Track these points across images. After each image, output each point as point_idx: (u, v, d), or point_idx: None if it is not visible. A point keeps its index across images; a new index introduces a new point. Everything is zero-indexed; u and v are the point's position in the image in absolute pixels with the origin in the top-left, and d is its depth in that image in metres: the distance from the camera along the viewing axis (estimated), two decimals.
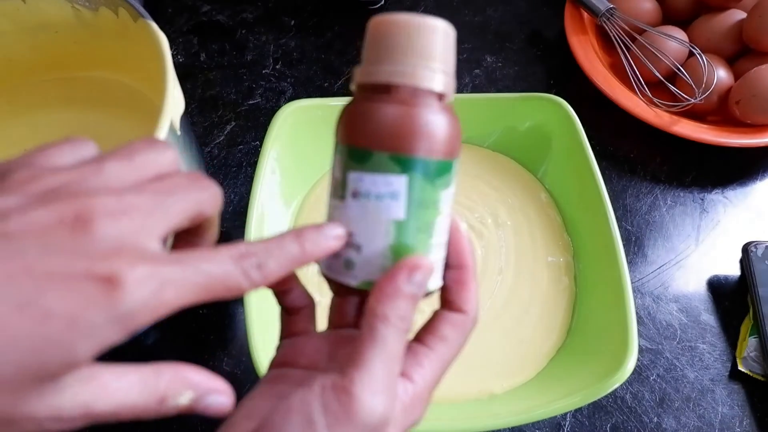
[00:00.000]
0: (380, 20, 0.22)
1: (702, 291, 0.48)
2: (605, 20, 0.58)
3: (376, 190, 0.22)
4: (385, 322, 0.21)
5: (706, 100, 0.53)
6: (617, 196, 0.53)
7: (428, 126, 0.22)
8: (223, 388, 0.20)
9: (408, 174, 0.22)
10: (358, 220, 0.22)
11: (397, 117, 0.22)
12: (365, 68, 0.23)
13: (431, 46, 0.22)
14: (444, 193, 0.23)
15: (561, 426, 0.42)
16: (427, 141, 0.22)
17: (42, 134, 0.46)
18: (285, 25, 0.63)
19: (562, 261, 0.46)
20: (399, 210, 0.22)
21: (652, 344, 0.45)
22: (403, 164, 0.22)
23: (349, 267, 0.23)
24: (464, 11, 0.65)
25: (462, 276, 0.24)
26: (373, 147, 0.22)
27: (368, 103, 0.22)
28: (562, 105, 0.48)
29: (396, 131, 0.22)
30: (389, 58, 0.22)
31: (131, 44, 0.42)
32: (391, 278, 0.22)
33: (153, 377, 0.18)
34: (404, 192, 0.22)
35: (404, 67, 0.22)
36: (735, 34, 0.55)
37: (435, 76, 0.22)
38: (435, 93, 0.23)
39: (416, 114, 0.22)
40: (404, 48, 0.22)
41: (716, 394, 0.44)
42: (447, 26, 0.23)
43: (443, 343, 0.24)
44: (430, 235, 0.23)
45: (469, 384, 0.40)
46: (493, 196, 0.49)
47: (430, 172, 0.22)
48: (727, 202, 0.53)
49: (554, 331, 0.43)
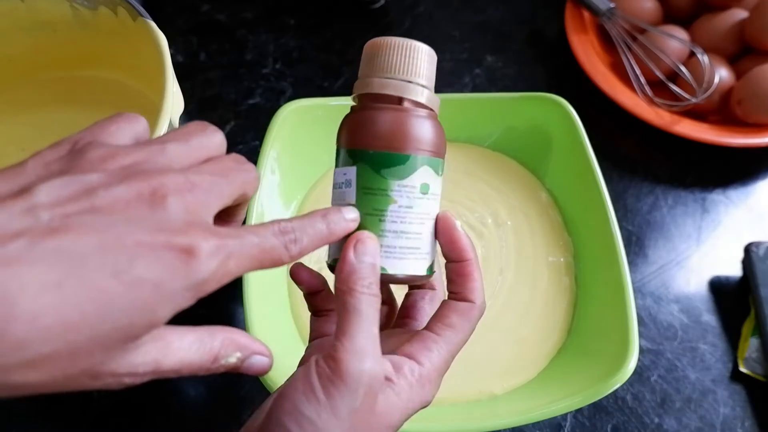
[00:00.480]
0: (390, 41, 0.26)
1: (703, 291, 0.48)
2: (606, 19, 0.58)
3: (338, 180, 0.26)
4: (348, 293, 0.23)
5: (708, 100, 0.53)
6: (618, 196, 0.52)
7: (377, 124, 0.25)
8: (264, 351, 0.22)
9: (357, 165, 0.25)
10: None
11: (358, 119, 0.26)
12: (371, 81, 0.26)
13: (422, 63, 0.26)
14: (396, 183, 0.25)
15: (561, 426, 0.42)
16: (370, 136, 0.25)
17: (41, 133, 0.46)
18: (285, 24, 0.63)
19: (563, 261, 0.46)
20: (351, 195, 0.25)
21: (652, 345, 0.45)
22: (354, 156, 0.25)
23: (330, 249, 0.26)
24: (464, 11, 0.65)
25: (464, 269, 0.26)
26: (339, 144, 0.26)
27: (375, 110, 0.25)
28: (562, 105, 0.48)
29: (351, 130, 0.26)
30: (396, 74, 0.25)
31: (130, 43, 0.42)
32: (342, 255, 0.24)
33: (208, 338, 0.20)
34: (353, 180, 0.25)
35: (408, 84, 0.25)
36: (736, 34, 0.55)
37: (423, 91, 0.26)
38: (394, 97, 0.25)
39: (372, 115, 0.25)
40: (376, 60, 0.26)
41: (717, 395, 0.43)
42: (430, 49, 0.26)
43: (450, 330, 0.25)
44: (381, 220, 0.25)
45: (469, 384, 0.40)
46: (493, 196, 0.49)
47: (375, 163, 0.25)
48: (728, 202, 0.53)
49: (555, 331, 0.43)
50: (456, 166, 0.50)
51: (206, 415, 0.42)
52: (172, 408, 0.42)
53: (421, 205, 0.26)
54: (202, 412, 0.42)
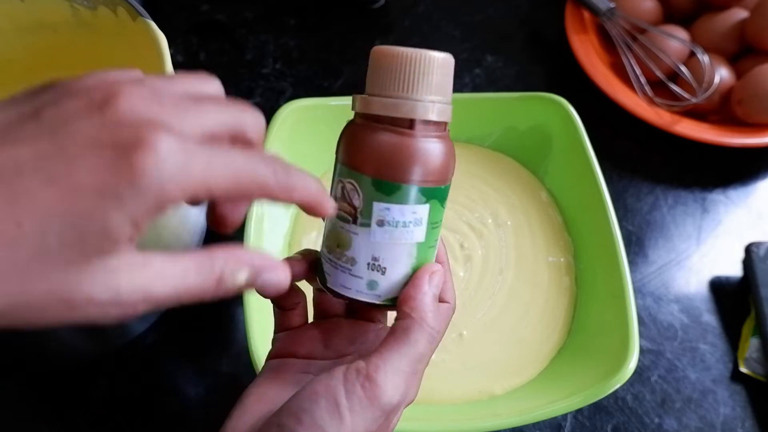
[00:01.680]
0: (394, 51, 0.23)
1: (703, 291, 0.48)
2: (606, 19, 0.58)
3: (402, 219, 0.24)
4: (415, 322, 0.23)
5: (708, 100, 0.53)
6: (618, 196, 0.52)
7: (446, 158, 0.25)
8: (278, 265, 0.21)
9: (430, 202, 0.24)
10: (384, 246, 0.24)
11: (426, 153, 0.24)
12: (380, 99, 0.24)
13: (445, 79, 0.25)
14: (444, 212, 0.26)
15: (561, 427, 0.42)
16: (445, 171, 0.25)
17: None
18: (285, 24, 0.63)
19: (563, 261, 0.46)
20: (421, 233, 0.24)
21: (653, 345, 0.45)
22: (428, 194, 0.24)
23: (373, 288, 0.25)
24: (464, 11, 0.65)
25: None
26: (403, 181, 0.24)
27: (392, 137, 0.23)
28: (562, 104, 0.48)
29: (424, 166, 0.24)
30: (410, 90, 0.23)
31: (130, 43, 0.42)
32: (418, 285, 0.24)
33: (207, 259, 0.19)
34: (426, 218, 0.24)
35: (427, 103, 0.23)
36: (737, 34, 0.55)
37: (448, 109, 0.24)
38: (446, 124, 0.25)
39: (440, 149, 0.24)
40: (427, 82, 0.24)
41: (718, 395, 0.43)
42: (448, 57, 0.25)
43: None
44: (436, 246, 0.26)
45: (469, 384, 0.40)
46: (493, 196, 0.49)
47: (443, 197, 0.25)
48: (728, 202, 0.53)
49: (555, 331, 0.43)
50: (456, 166, 0.50)
51: (206, 415, 0.42)
52: (172, 408, 0.42)
53: None
54: (201, 412, 0.42)
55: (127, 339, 0.43)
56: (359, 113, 0.24)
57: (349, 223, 0.24)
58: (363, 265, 0.25)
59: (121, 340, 0.43)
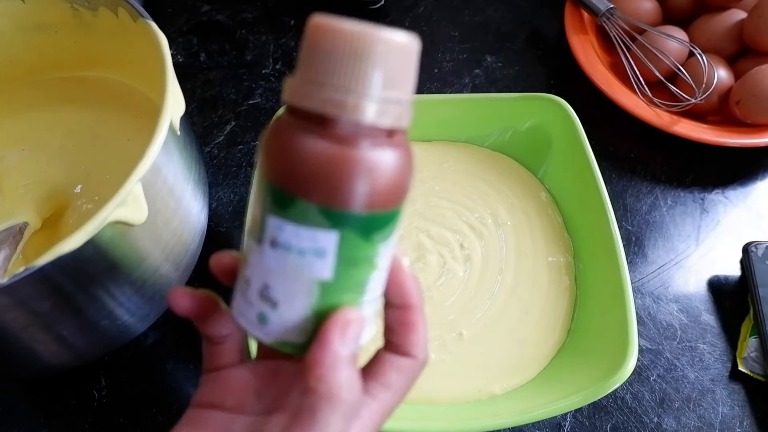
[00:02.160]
0: (323, 25, 0.18)
1: (702, 291, 0.48)
2: (605, 20, 0.58)
3: (298, 244, 0.18)
4: (327, 392, 0.19)
5: (707, 100, 0.53)
6: (617, 196, 0.52)
7: (371, 174, 0.18)
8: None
9: (339, 230, 0.18)
10: (276, 273, 0.19)
11: (332, 160, 0.17)
12: (298, 85, 0.18)
13: (385, 68, 0.18)
14: (383, 246, 0.19)
15: (561, 426, 0.42)
16: (367, 193, 0.18)
17: (41, 133, 0.46)
18: (285, 25, 0.63)
19: (563, 261, 0.46)
20: (325, 269, 0.19)
21: (652, 344, 0.45)
22: (334, 219, 0.18)
23: (264, 322, 0.20)
24: (464, 11, 0.65)
25: (407, 316, 0.22)
26: (298, 193, 0.18)
27: (298, 134, 0.18)
28: (562, 105, 0.48)
29: (329, 178, 0.18)
30: (329, 80, 0.17)
31: (131, 44, 0.42)
32: (325, 343, 0.19)
33: None
34: (333, 250, 0.18)
35: (346, 96, 0.17)
36: (735, 34, 0.55)
37: (387, 108, 0.18)
38: (384, 129, 0.18)
39: (357, 159, 0.18)
40: (349, 69, 0.17)
41: (716, 395, 0.44)
42: (406, 40, 0.18)
43: (387, 391, 0.21)
44: (362, 293, 0.20)
45: (469, 384, 0.40)
46: (493, 196, 0.49)
47: (368, 228, 0.18)
48: (727, 202, 0.53)
49: (554, 331, 0.43)
50: (456, 166, 0.50)
51: None
52: (172, 408, 0.42)
53: (392, 254, 0.21)
54: None
55: (127, 339, 0.43)
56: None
57: (250, 237, 0.20)
58: (255, 291, 0.19)
59: (121, 340, 0.43)
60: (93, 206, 0.43)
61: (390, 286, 0.22)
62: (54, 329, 0.34)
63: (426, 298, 0.43)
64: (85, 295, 0.33)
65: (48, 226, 0.42)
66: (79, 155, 0.45)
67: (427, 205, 0.48)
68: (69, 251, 0.29)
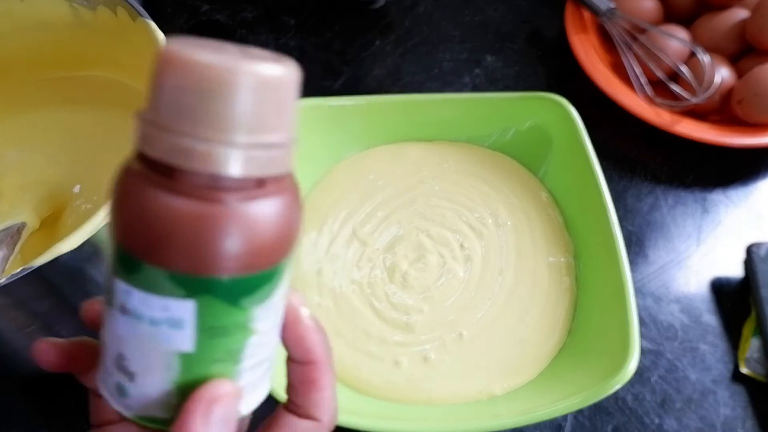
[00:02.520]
0: (172, 54, 0.14)
1: (704, 292, 0.48)
2: (606, 19, 0.58)
3: (150, 313, 0.16)
4: None
5: (708, 100, 0.52)
6: (618, 196, 0.52)
7: (231, 234, 0.15)
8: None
9: (196, 298, 0.15)
10: (129, 343, 0.16)
11: (180, 220, 0.15)
12: (144, 128, 0.15)
13: (245, 107, 0.15)
14: (259, 309, 0.17)
15: (561, 427, 0.42)
16: (227, 256, 0.15)
17: (41, 133, 0.46)
18: (285, 24, 0.63)
19: (563, 261, 0.46)
20: (184, 341, 0.16)
21: (653, 345, 0.45)
22: (188, 286, 0.15)
23: (122, 394, 0.17)
24: (464, 11, 0.65)
25: (310, 373, 0.19)
26: (145, 258, 0.15)
27: (143, 188, 0.15)
28: (562, 104, 0.48)
29: (178, 241, 0.15)
30: (175, 123, 0.14)
31: (130, 43, 0.42)
32: (186, 424, 0.16)
33: None
34: (191, 320, 0.16)
35: (195, 143, 0.14)
36: (737, 33, 0.55)
37: (251, 155, 0.15)
38: (250, 180, 0.15)
39: (211, 218, 0.15)
40: (198, 110, 0.14)
41: (718, 396, 0.43)
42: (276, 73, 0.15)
43: None
44: (237, 361, 0.17)
45: (469, 384, 0.40)
46: (493, 196, 0.49)
47: (234, 293, 0.16)
48: (728, 202, 0.53)
49: (555, 331, 0.43)
50: (456, 166, 0.50)
51: None
52: None
53: (281, 310, 0.18)
54: None
55: None
56: None
57: (105, 295, 0.17)
58: (111, 360, 0.17)
59: None
60: (92, 206, 0.42)
61: (288, 341, 0.19)
62: (53, 329, 0.34)
63: (426, 298, 0.43)
64: (84, 295, 0.33)
65: (46, 226, 0.42)
66: (77, 155, 0.45)
67: (427, 205, 0.48)
68: (67, 251, 0.28)
